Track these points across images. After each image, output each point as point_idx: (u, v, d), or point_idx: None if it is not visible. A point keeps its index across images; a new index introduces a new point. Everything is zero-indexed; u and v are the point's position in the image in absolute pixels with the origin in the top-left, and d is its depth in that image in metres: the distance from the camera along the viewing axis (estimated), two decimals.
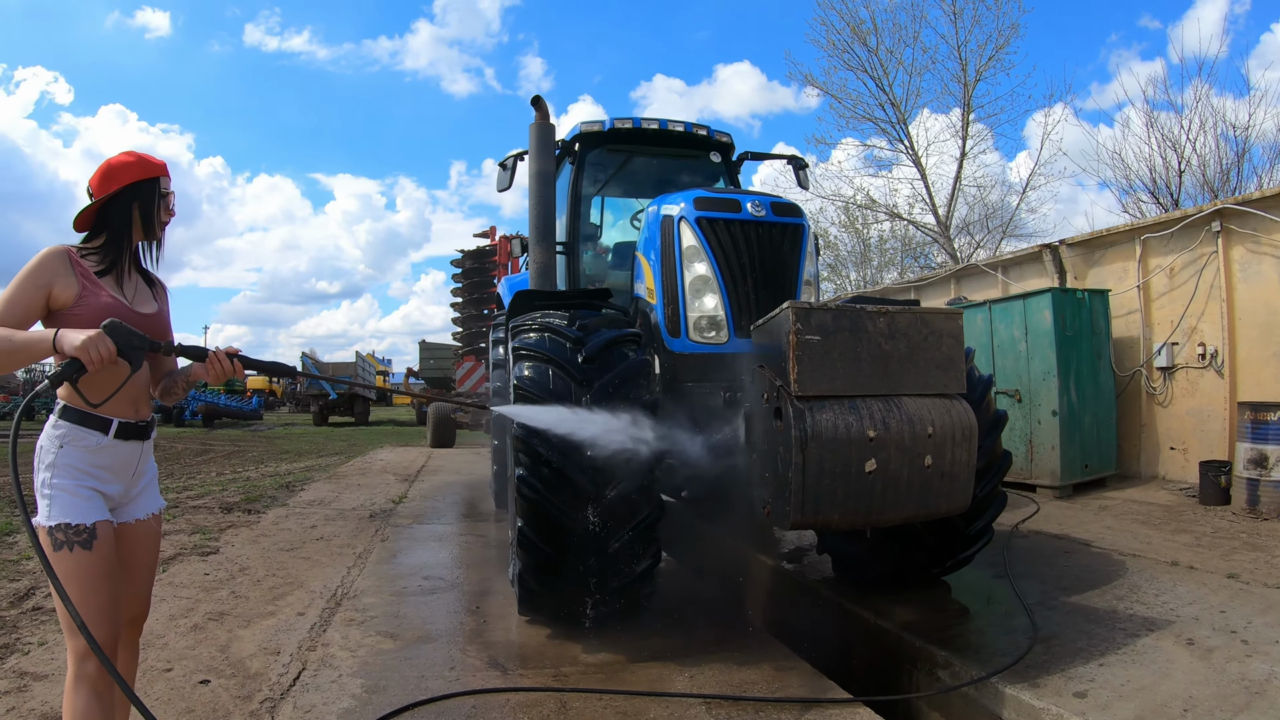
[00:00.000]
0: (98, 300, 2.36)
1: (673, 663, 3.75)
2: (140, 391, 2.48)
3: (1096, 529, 6.47)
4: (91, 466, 2.34)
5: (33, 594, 5.21)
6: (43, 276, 2.29)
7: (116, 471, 2.42)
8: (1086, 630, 3.97)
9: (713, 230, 4.49)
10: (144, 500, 2.57)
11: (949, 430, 3.35)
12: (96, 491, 2.35)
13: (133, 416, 2.44)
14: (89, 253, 2.44)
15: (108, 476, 2.39)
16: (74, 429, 2.32)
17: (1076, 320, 8.34)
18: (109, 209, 2.49)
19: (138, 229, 2.54)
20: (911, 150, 19.44)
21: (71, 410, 2.33)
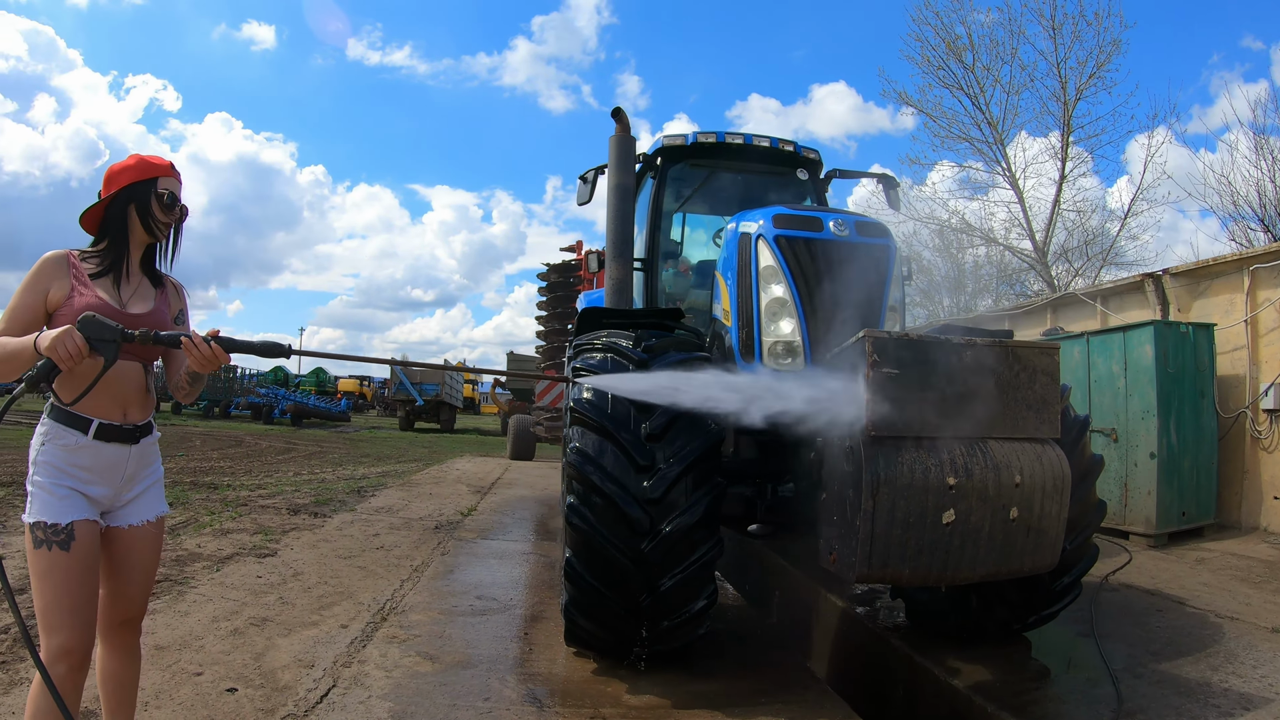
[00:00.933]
0: (82, 301, 2.37)
1: (720, 711, 3.48)
2: (131, 394, 2.46)
3: (1192, 585, 5.97)
4: (70, 466, 2.34)
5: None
6: (40, 282, 2.35)
7: (99, 473, 2.40)
8: (1175, 705, 3.59)
9: (792, 250, 4.22)
10: (141, 505, 2.55)
11: (1039, 479, 3.02)
12: (76, 491, 2.34)
13: (118, 419, 2.42)
14: (90, 255, 2.49)
15: (89, 477, 2.37)
16: (55, 427, 2.34)
17: (1179, 356, 7.77)
18: (110, 212, 2.52)
19: (138, 231, 2.55)
20: (1009, 172, 18.73)
21: (57, 409, 2.35)
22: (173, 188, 2.58)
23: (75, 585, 2.26)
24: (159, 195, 2.54)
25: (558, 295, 15.04)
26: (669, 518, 3.50)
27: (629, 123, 5.25)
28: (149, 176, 2.53)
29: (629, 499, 3.50)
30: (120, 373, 2.35)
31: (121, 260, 2.51)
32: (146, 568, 2.59)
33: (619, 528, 3.51)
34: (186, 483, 11.12)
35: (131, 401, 2.46)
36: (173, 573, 5.61)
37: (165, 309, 2.62)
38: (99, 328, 2.20)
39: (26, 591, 5.12)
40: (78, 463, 2.35)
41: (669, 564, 3.53)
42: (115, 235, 2.51)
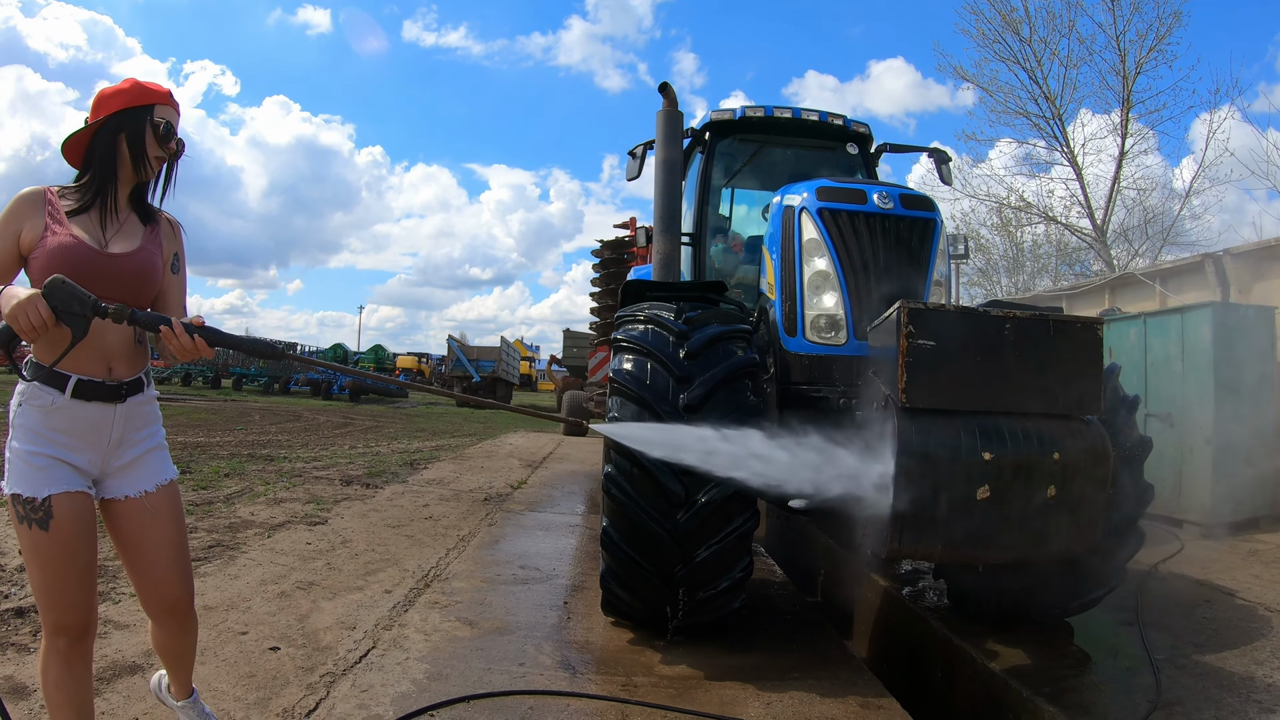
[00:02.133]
0: (55, 240, 2.12)
1: (752, 684, 3.48)
2: (116, 347, 2.20)
3: (1243, 577, 5.79)
4: (47, 429, 2.10)
5: None
6: (12, 223, 2.11)
7: (80, 437, 2.15)
8: (1215, 698, 3.50)
9: (835, 222, 4.17)
10: (139, 473, 2.29)
11: (1079, 457, 2.95)
12: (56, 460, 2.11)
13: (101, 374, 2.17)
14: (71, 190, 2.23)
15: (70, 442, 2.13)
16: (32, 387, 2.10)
17: (1239, 340, 7.50)
18: (96, 140, 2.24)
19: (126, 163, 2.26)
20: (1067, 148, 18.23)
21: (36, 366, 2.11)
22: (169, 117, 2.30)
23: (59, 565, 2.08)
24: (155, 125, 2.26)
25: (611, 272, 15.00)
26: (705, 489, 3.50)
27: (676, 97, 5.21)
28: (144, 103, 2.25)
29: (666, 470, 3.50)
30: (102, 325, 2.06)
31: (106, 194, 2.23)
32: (168, 543, 2.34)
33: (656, 498, 3.53)
34: (244, 455, 11.44)
35: (116, 355, 2.20)
36: (225, 539, 5.81)
37: (155, 249, 2.32)
38: (68, 297, 1.95)
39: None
40: (55, 425, 2.11)
41: (704, 535, 3.55)
42: (101, 166, 2.23)
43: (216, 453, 11.58)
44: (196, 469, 9.49)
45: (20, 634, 3.69)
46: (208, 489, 8.09)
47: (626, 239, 15.09)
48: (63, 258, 2.09)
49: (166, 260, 2.37)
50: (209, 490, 8.01)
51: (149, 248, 2.30)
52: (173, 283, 2.38)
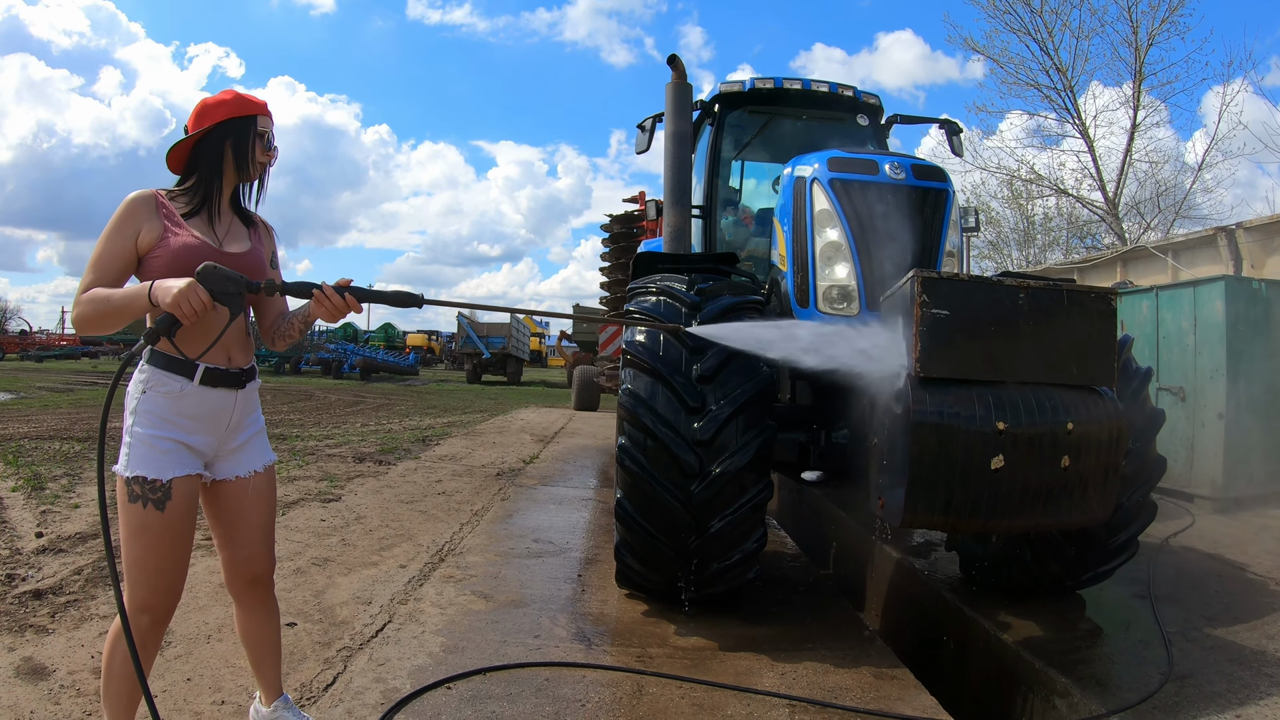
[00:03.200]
0: (178, 241, 2.23)
1: (766, 655, 3.52)
2: (235, 338, 2.32)
3: (1255, 551, 5.79)
4: (174, 414, 2.21)
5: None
6: (129, 225, 2.20)
7: (204, 421, 2.27)
8: (1227, 672, 3.50)
9: (847, 193, 4.14)
10: (247, 455, 2.43)
11: (1093, 428, 2.95)
12: (179, 444, 2.22)
13: (223, 363, 2.29)
14: (178, 194, 2.34)
15: (193, 426, 2.25)
16: (157, 374, 2.20)
17: (1251, 313, 7.44)
18: (201, 147, 2.35)
19: (230, 169, 2.39)
20: (1079, 120, 18.06)
21: (157, 354, 2.21)
22: (269, 128, 2.44)
23: (165, 546, 2.19)
24: (260, 134, 2.41)
25: (620, 246, 14.98)
26: (719, 459, 3.51)
27: (685, 70, 5.18)
28: (248, 114, 2.38)
29: (680, 441, 3.52)
30: (222, 318, 2.19)
31: (212, 197, 2.36)
32: (263, 521, 2.48)
33: (669, 469, 3.54)
34: None
35: (234, 345, 2.33)
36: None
37: (261, 248, 2.49)
38: (222, 280, 2.09)
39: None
40: (182, 410, 2.22)
41: (718, 506, 3.56)
42: (207, 171, 2.35)
43: None
44: None
45: (38, 615, 3.72)
46: None
47: (636, 213, 15.05)
48: (189, 256, 2.20)
49: (269, 258, 2.53)
50: None
51: (257, 247, 2.46)
52: (275, 277, 2.51)
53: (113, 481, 2.22)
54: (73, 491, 6.62)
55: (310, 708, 2.89)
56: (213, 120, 2.33)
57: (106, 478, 2.18)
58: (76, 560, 4.61)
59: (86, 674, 3.10)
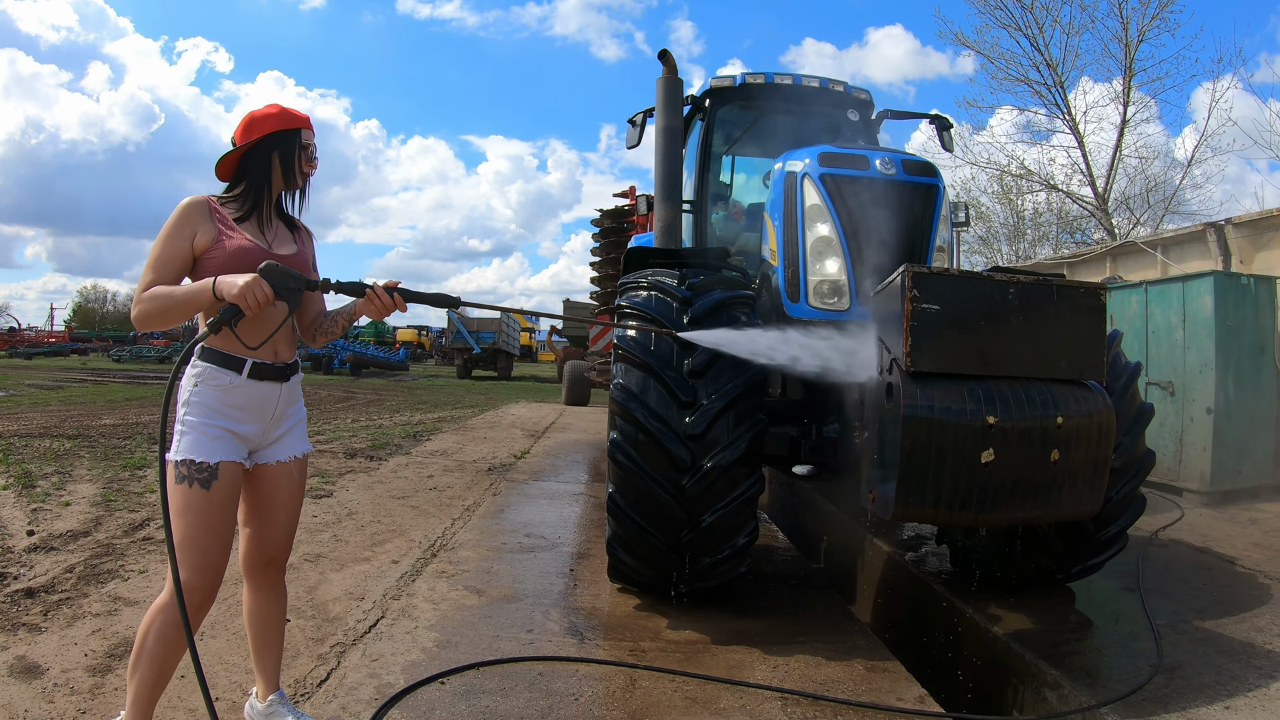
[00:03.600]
0: (234, 243, 2.40)
1: (758, 648, 3.54)
2: (282, 334, 2.49)
3: (1243, 545, 5.84)
4: (224, 405, 2.38)
5: (147, 524, 5.46)
6: (185, 227, 2.36)
7: (251, 411, 2.44)
8: (1216, 664, 3.54)
9: (838, 188, 4.15)
10: (287, 443, 2.59)
11: (1082, 422, 2.96)
12: (228, 431, 2.38)
13: (270, 358, 2.46)
14: (228, 200, 2.50)
15: (242, 416, 2.42)
16: (209, 368, 2.37)
17: (1240, 309, 7.49)
18: (249, 158, 2.52)
19: (278, 178, 2.56)
20: (1069, 116, 18.11)
21: (209, 350, 2.38)
22: (312, 140, 2.62)
23: (210, 524, 2.31)
24: (304, 146, 2.58)
25: (611, 241, 14.97)
26: (711, 454, 3.52)
27: (676, 64, 5.18)
28: (294, 126, 2.55)
29: (671, 435, 3.53)
30: (268, 314, 2.37)
31: (261, 203, 2.53)
32: (290, 506, 2.63)
33: (661, 464, 3.55)
34: None
35: (281, 342, 2.51)
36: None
37: (305, 252, 2.66)
38: (283, 276, 2.29)
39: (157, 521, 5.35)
40: (232, 402, 2.39)
41: (710, 500, 3.57)
42: (256, 180, 2.52)
43: None
44: None
45: (31, 614, 3.71)
46: None
47: (626, 208, 15.04)
48: (243, 258, 2.38)
49: (311, 260, 2.72)
50: None
51: (302, 250, 2.64)
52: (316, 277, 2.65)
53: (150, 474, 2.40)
54: (64, 489, 6.59)
55: (305, 703, 2.90)
56: (261, 133, 2.49)
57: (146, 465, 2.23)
58: (69, 558, 4.59)
59: (80, 672, 3.09)
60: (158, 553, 4.71)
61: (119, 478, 7.19)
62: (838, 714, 2.98)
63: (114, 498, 6.28)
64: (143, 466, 7.78)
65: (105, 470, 7.54)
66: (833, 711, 2.99)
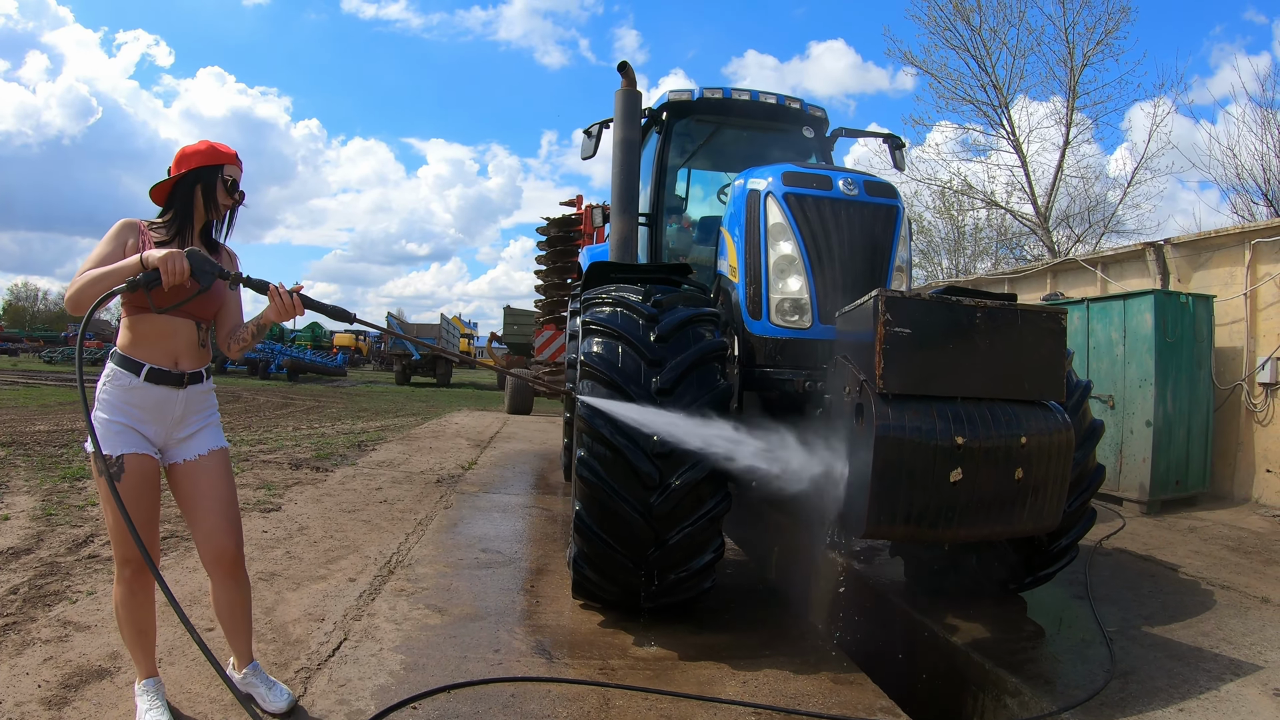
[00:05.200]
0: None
1: (726, 663, 3.56)
2: (183, 346, 2.78)
3: (1184, 552, 6.07)
4: (125, 404, 2.68)
5: (91, 541, 5.27)
6: (119, 237, 2.69)
7: (150, 412, 2.72)
8: (1167, 668, 3.68)
9: (801, 208, 4.23)
10: (195, 442, 2.85)
11: (1045, 441, 3.07)
12: (130, 428, 2.68)
13: (169, 365, 2.74)
14: (158, 226, 2.81)
15: (141, 416, 2.71)
16: (114, 369, 2.69)
17: (1178, 326, 7.81)
18: (176, 189, 2.83)
19: (199, 208, 2.85)
20: (1012, 136, 18.62)
21: (116, 354, 2.71)
22: (235, 175, 2.89)
23: (128, 509, 2.52)
24: (224, 180, 2.85)
25: (557, 250, 14.99)
26: (677, 472, 3.54)
27: (635, 77, 5.21)
28: (216, 163, 2.84)
29: (639, 453, 3.53)
30: (173, 328, 2.71)
31: (185, 231, 2.83)
32: (219, 497, 2.87)
33: (629, 481, 3.55)
34: None
35: (183, 353, 2.77)
36: (180, 528, 5.64)
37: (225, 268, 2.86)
38: (203, 260, 2.61)
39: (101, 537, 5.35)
40: (131, 401, 2.68)
41: (677, 518, 3.59)
42: (180, 209, 2.82)
43: None
44: None
45: None
46: None
47: (573, 216, 15.05)
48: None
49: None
50: None
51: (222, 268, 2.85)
52: (232, 297, 2.96)
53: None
54: (1, 502, 6.35)
55: None
56: (188, 167, 2.82)
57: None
58: (11, 578, 4.39)
59: (35, 705, 2.92)
60: (104, 572, 4.55)
61: (58, 489, 6.94)
62: None
63: (54, 511, 6.06)
64: (82, 477, 7.52)
65: (44, 481, 7.27)
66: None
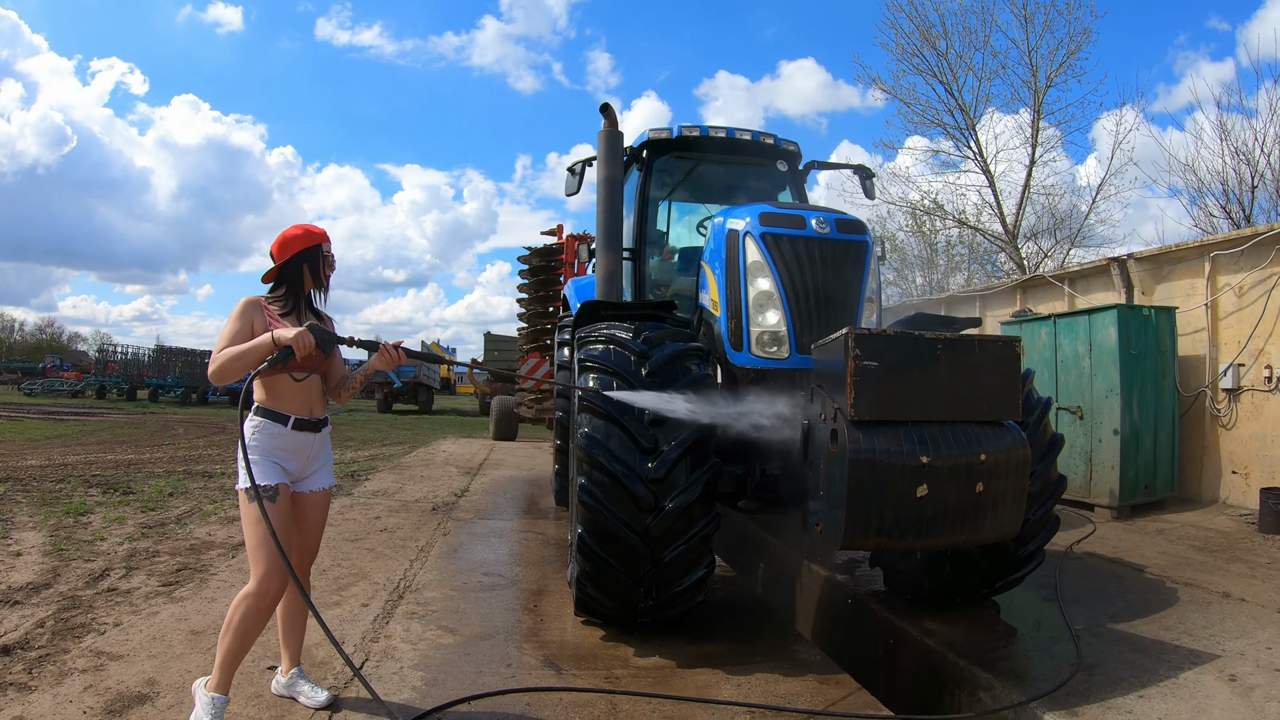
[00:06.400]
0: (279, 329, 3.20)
1: (721, 669, 3.86)
2: (315, 397, 3.36)
3: (1151, 554, 6.38)
4: (274, 447, 3.22)
5: (107, 575, 5.51)
6: (246, 315, 3.20)
7: (293, 454, 3.29)
8: (1130, 660, 3.96)
9: (777, 246, 4.52)
10: (318, 477, 3.44)
11: (1002, 457, 3.38)
12: (279, 466, 3.23)
13: (307, 414, 3.32)
14: (274, 300, 3.35)
15: (286, 457, 3.27)
16: (264, 422, 3.22)
17: (1142, 338, 8.20)
18: (285, 270, 3.36)
19: (308, 282, 3.41)
20: (980, 157, 19.10)
21: (261, 408, 3.24)
22: (329, 250, 3.46)
23: (277, 528, 3.03)
24: (325, 257, 3.44)
25: (540, 279, 15.31)
26: (671, 495, 3.83)
27: (617, 118, 5.46)
28: (315, 243, 3.39)
29: (635, 478, 3.82)
30: (305, 384, 3.28)
31: (298, 303, 3.38)
32: (320, 525, 3.51)
33: (627, 505, 3.83)
34: (180, 472, 11.36)
35: (315, 402, 3.37)
36: (190, 561, 5.89)
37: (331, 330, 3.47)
38: (321, 332, 3.19)
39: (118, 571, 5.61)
40: (279, 445, 3.24)
41: (671, 537, 3.88)
42: (291, 284, 3.38)
43: (152, 470, 11.50)
44: (139, 489, 9.47)
45: (14, 672, 3.70)
46: (156, 510, 8.12)
47: (555, 245, 15.34)
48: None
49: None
50: (158, 511, 8.03)
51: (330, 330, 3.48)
52: (337, 353, 3.50)
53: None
54: (9, 538, 6.56)
55: None
56: (293, 251, 3.35)
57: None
58: (36, 612, 4.62)
59: None
60: (125, 604, 4.77)
61: (64, 524, 7.16)
62: None
63: (65, 546, 6.29)
64: (85, 512, 7.75)
65: (48, 517, 7.50)
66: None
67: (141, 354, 42.95)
